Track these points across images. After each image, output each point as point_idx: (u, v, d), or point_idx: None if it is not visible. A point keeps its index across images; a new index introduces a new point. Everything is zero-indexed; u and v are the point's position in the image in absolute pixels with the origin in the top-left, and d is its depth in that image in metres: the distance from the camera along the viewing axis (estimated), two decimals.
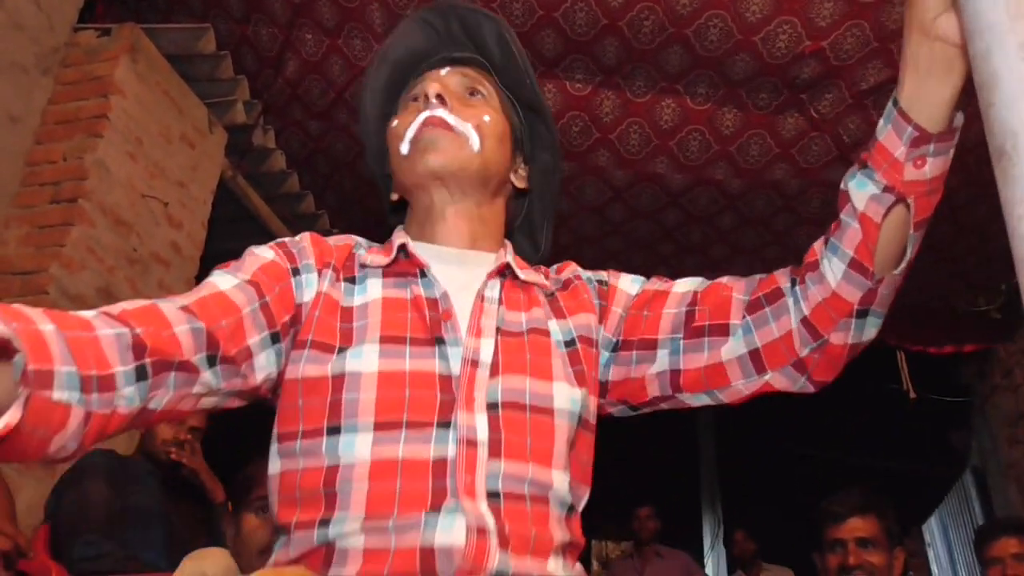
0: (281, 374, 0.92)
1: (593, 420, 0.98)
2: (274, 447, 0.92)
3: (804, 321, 0.91)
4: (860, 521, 2.22)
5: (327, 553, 0.82)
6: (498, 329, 0.94)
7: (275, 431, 0.92)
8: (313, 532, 0.83)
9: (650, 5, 3.05)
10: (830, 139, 3.41)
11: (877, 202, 0.84)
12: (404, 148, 1.02)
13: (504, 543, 0.81)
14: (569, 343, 0.98)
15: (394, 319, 0.92)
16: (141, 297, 2.88)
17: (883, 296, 0.89)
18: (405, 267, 0.99)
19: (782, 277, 0.95)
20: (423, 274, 0.97)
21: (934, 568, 7.35)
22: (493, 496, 0.84)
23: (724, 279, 1.00)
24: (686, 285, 1.02)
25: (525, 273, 1.03)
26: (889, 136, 0.83)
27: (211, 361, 0.83)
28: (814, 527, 2.38)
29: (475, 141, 1.02)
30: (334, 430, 0.86)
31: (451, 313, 0.93)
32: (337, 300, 0.95)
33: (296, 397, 0.90)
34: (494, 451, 0.86)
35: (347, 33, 3.47)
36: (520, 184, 1.12)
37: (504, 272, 1.02)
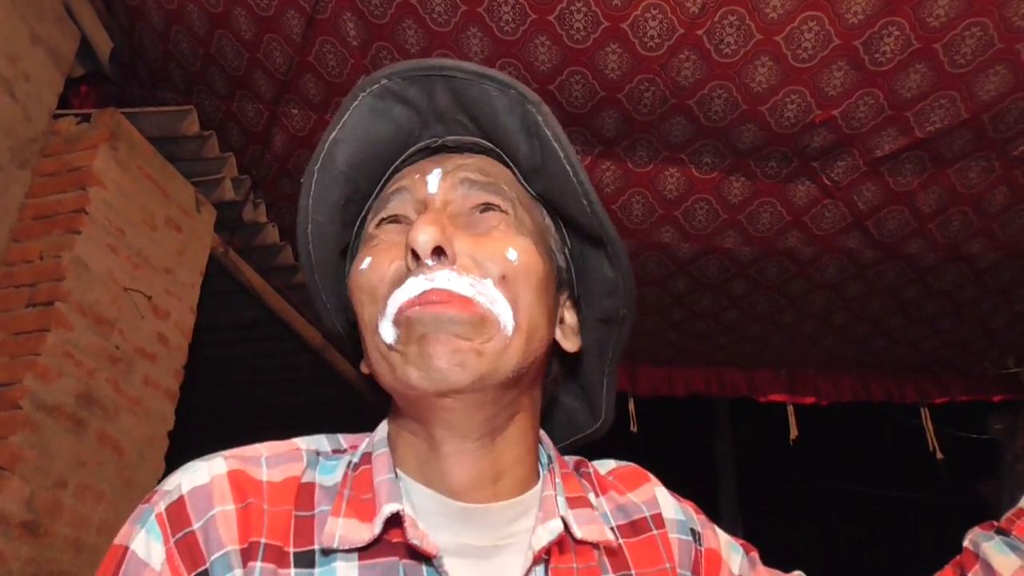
0: None
1: None
2: None
3: None
4: None
5: None
6: None
7: None
8: None
9: (650, 77, 2.90)
10: (845, 206, 3.24)
11: None
12: (386, 330, 0.65)
13: None
14: None
15: None
16: (123, 397, 2.66)
17: None
18: (397, 539, 0.63)
19: None
20: (428, 562, 0.63)
21: None
22: None
23: None
24: None
25: (585, 526, 0.68)
26: None
27: None
28: None
29: (505, 317, 0.65)
30: None
31: None
32: None
33: None
34: None
35: (334, 107, 3.33)
36: (571, 347, 0.76)
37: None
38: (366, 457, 0.69)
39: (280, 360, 4.73)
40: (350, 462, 0.69)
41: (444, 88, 0.71)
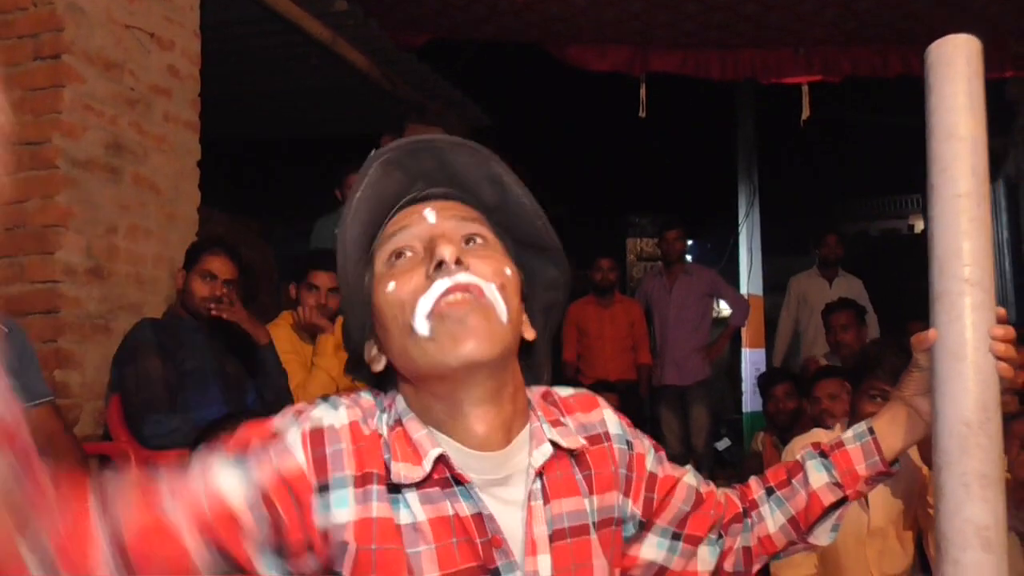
0: None
1: None
2: None
3: (745, 550, 1.08)
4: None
5: None
6: (550, 537, 0.90)
7: None
8: None
9: None
10: None
11: (830, 491, 1.06)
12: (421, 326, 0.86)
13: None
14: (598, 524, 0.95)
15: (445, 550, 0.85)
16: (149, 138, 2.97)
17: (799, 550, 1.11)
18: (439, 475, 0.88)
19: (737, 502, 1.09)
20: (459, 483, 0.88)
21: None
22: None
23: (717, 494, 1.08)
24: (693, 479, 1.06)
25: (567, 438, 0.95)
26: (856, 452, 1.06)
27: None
28: (852, 374, 2.30)
29: (503, 310, 0.88)
30: None
31: (501, 539, 0.87)
32: (392, 518, 0.86)
33: None
34: None
35: None
36: (529, 336, 0.97)
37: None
38: (397, 421, 0.92)
39: (287, 51, 4.66)
40: (388, 425, 0.91)
41: (429, 156, 0.94)
